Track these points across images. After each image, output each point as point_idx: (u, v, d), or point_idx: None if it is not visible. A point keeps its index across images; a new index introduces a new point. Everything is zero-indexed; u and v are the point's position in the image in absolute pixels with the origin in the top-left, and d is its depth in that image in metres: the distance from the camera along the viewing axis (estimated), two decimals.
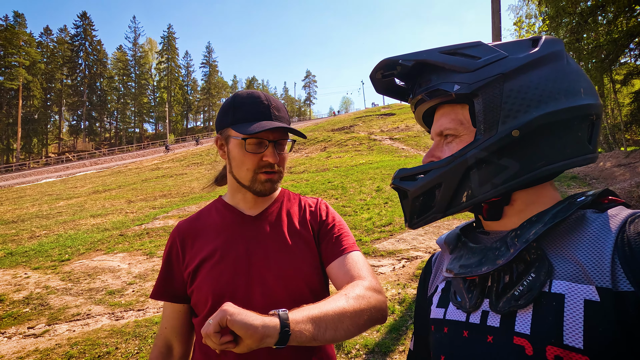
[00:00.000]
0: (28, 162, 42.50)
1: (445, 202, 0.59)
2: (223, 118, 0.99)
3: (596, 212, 0.54)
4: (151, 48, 66.31)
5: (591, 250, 0.49)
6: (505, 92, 0.54)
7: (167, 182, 17.26)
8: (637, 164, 7.83)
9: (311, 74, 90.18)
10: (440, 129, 0.62)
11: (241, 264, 0.94)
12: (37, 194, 17.57)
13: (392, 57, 0.64)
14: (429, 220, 0.61)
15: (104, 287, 5.04)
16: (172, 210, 9.72)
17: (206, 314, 0.93)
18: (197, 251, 0.98)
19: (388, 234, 5.99)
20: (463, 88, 0.56)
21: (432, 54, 0.60)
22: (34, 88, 48.29)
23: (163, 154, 34.34)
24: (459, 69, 0.57)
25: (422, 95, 0.63)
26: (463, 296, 0.59)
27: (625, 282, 0.45)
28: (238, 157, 0.96)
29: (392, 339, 3.05)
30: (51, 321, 4.11)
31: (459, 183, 0.57)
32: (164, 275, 1.01)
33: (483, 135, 0.55)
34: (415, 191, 0.61)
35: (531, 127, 0.53)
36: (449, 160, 0.57)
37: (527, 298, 0.50)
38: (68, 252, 6.90)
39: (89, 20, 58.27)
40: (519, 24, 12.21)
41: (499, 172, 0.55)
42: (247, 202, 1.04)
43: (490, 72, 0.55)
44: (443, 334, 0.60)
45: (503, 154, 0.55)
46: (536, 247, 0.53)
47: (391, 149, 16.90)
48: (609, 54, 9.79)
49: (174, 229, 1.05)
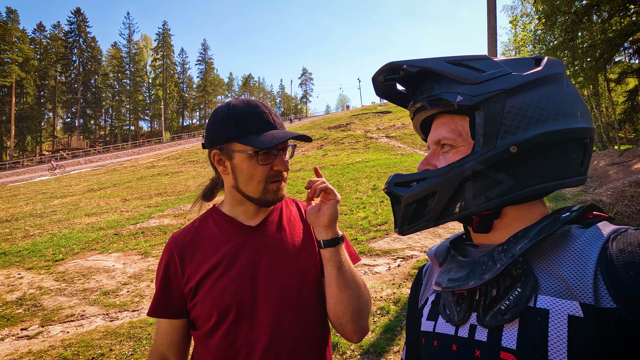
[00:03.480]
0: (22, 160, 42.11)
1: (438, 211, 0.59)
2: (222, 131, 0.94)
3: (581, 227, 0.55)
4: (146, 45, 65.73)
5: (575, 266, 0.50)
6: (507, 108, 0.55)
7: (162, 180, 17.17)
8: (631, 162, 7.89)
9: (308, 71, 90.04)
10: (438, 137, 0.62)
11: (245, 277, 0.93)
12: (31, 193, 17.42)
13: (396, 61, 0.63)
14: (420, 228, 0.61)
15: (99, 288, 5.01)
16: (167, 209, 9.67)
17: (209, 329, 0.91)
18: (197, 265, 0.95)
19: (384, 233, 6.00)
20: (465, 100, 0.56)
21: (438, 63, 0.59)
22: (27, 85, 47.72)
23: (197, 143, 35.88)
24: (462, 80, 0.57)
25: (423, 103, 0.63)
26: (452, 309, 0.60)
27: (607, 299, 0.45)
28: (247, 171, 0.94)
29: (386, 339, 3.06)
30: (45, 322, 4.09)
31: (454, 194, 0.57)
32: (162, 291, 0.97)
33: (482, 148, 0.55)
34: (409, 198, 0.60)
35: (529, 144, 0.54)
36: (446, 170, 0.57)
37: (513, 312, 0.51)
38: (62, 251, 6.86)
39: (82, 17, 57.60)
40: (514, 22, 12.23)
41: (494, 186, 0.55)
42: (248, 213, 1.01)
43: (494, 87, 0.56)
44: (433, 347, 0.61)
45: (499, 169, 0.55)
46: (522, 262, 0.54)
47: (387, 147, 16.92)
48: (604, 52, 9.84)
49: (169, 242, 1.00)
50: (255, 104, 0.96)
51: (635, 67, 11.55)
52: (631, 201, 5.35)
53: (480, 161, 0.55)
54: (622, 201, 5.39)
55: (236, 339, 0.90)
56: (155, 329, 1.01)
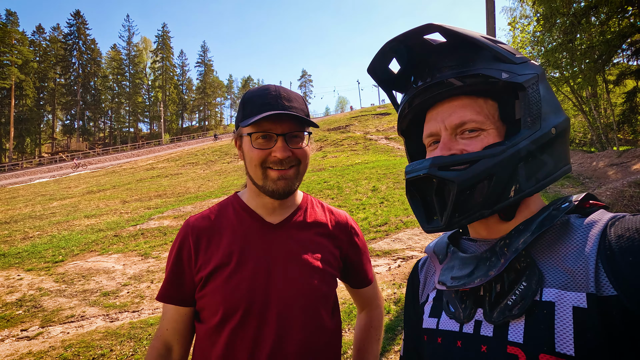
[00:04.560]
0: (21, 162, 42.06)
1: (495, 196, 0.53)
2: (237, 116, 0.95)
3: (579, 217, 0.55)
4: (146, 47, 65.79)
5: (577, 256, 0.50)
6: (542, 92, 0.56)
7: (162, 182, 17.16)
8: (629, 163, 7.92)
9: (307, 73, 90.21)
10: (461, 119, 0.56)
11: (259, 278, 0.88)
12: (30, 195, 17.39)
13: (426, 24, 0.56)
14: (475, 217, 0.54)
15: (99, 289, 5.00)
16: (167, 210, 9.66)
17: (215, 325, 0.87)
18: (211, 254, 0.90)
19: (384, 233, 6.00)
20: (513, 77, 0.54)
21: (478, 36, 0.56)
22: (26, 87, 47.73)
23: (213, 142, 36.54)
24: (504, 59, 0.56)
25: (452, 80, 0.57)
26: (456, 306, 0.59)
27: (608, 287, 0.45)
28: (248, 154, 0.90)
29: (387, 339, 3.06)
30: (45, 323, 4.08)
31: (510, 175, 0.53)
32: (174, 276, 0.92)
33: (531, 128, 0.54)
34: (465, 182, 0.52)
35: (560, 128, 0.57)
36: (502, 149, 0.53)
37: (521, 308, 0.50)
38: (62, 253, 6.84)
39: (82, 19, 57.74)
40: (513, 24, 12.28)
41: (541, 167, 0.55)
42: (267, 207, 0.96)
43: (530, 70, 0.56)
44: (437, 345, 0.60)
45: (544, 150, 0.56)
46: (525, 255, 0.54)
47: (387, 149, 16.93)
48: (602, 54, 9.88)
49: (185, 226, 0.95)
50: (267, 87, 0.91)
51: (633, 68, 11.61)
52: (630, 201, 5.36)
53: (532, 141, 0.54)
54: (621, 201, 5.40)
55: (242, 340, 0.85)
56: (162, 313, 0.97)
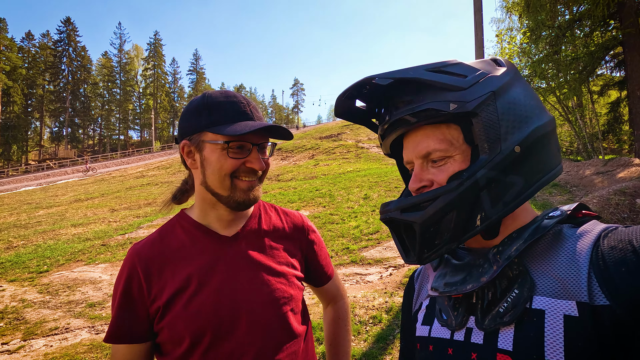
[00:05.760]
0: (6, 169, 41.13)
1: (460, 228, 0.54)
2: (193, 121, 0.86)
3: (572, 226, 0.56)
4: (137, 55, 65.52)
5: (569, 265, 0.50)
6: (499, 109, 0.54)
7: (152, 190, 16.94)
8: (615, 171, 8.09)
9: (299, 82, 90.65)
10: (426, 150, 0.58)
11: (224, 294, 0.84)
12: (16, 203, 16.99)
13: (368, 76, 0.57)
14: (443, 252, 0.56)
15: (84, 300, 4.88)
16: (157, 219, 9.52)
17: (183, 353, 0.82)
18: (166, 281, 0.84)
19: (375, 242, 5.99)
20: (460, 107, 0.54)
21: (419, 72, 0.56)
22: (14, 94, 46.99)
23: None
24: (450, 87, 0.55)
25: (406, 117, 0.57)
26: (449, 314, 0.59)
27: (601, 296, 0.46)
28: (215, 164, 0.84)
29: (379, 349, 3.03)
30: (27, 336, 3.95)
31: (472, 207, 0.54)
32: (123, 314, 0.83)
33: (488, 154, 0.53)
34: (425, 222, 0.54)
35: (528, 141, 0.55)
36: (459, 184, 0.53)
37: (512, 315, 0.50)
38: (47, 263, 6.67)
39: (73, 26, 57.29)
40: (500, 36, 12.57)
41: (508, 190, 0.54)
42: (222, 220, 0.91)
43: (482, 90, 0.55)
44: (428, 352, 0.61)
45: (509, 171, 0.54)
46: (518, 263, 0.54)
47: (378, 157, 17.03)
48: (586, 65, 10.17)
49: (130, 255, 0.86)
50: (233, 94, 0.88)
51: (616, 79, 11.97)
52: (616, 209, 5.46)
53: (491, 167, 0.53)
54: (607, 209, 5.50)
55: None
56: (111, 355, 0.87)
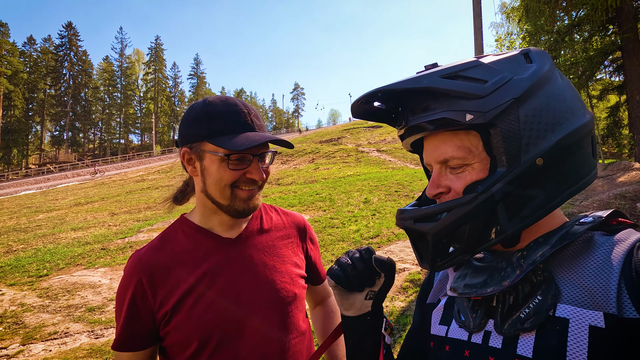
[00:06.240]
0: (7, 173, 41.20)
1: (474, 240, 0.53)
2: (194, 129, 0.86)
3: (605, 234, 0.53)
4: (138, 59, 65.87)
5: (598, 275, 0.48)
6: (522, 118, 0.50)
7: (152, 194, 16.93)
8: (615, 175, 8.10)
9: (300, 86, 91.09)
10: (444, 157, 0.55)
11: (230, 295, 0.85)
12: (16, 207, 16.98)
13: (381, 87, 0.54)
14: (456, 262, 0.55)
15: (84, 304, 4.86)
16: (157, 223, 9.51)
17: (189, 356, 0.83)
18: (171, 286, 0.84)
19: (376, 246, 5.98)
20: (477, 118, 0.50)
21: (434, 80, 0.51)
22: (15, 98, 47.17)
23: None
24: (467, 96, 0.50)
25: (423, 124, 0.54)
26: (467, 315, 0.58)
27: (631, 309, 0.44)
28: (216, 175, 0.84)
29: None
30: (26, 341, 3.93)
31: (487, 220, 0.52)
32: (130, 320, 0.84)
33: (506, 168, 0.50)
34: (438, 233, 0.53)
35: (553, 152, 0.50)
36: (473, 197, 0.51)
37: (534, 322, 0.49)
38: (46, 267, 6.65)
39: (74, 31, 57.67)
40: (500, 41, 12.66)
41: (527, 204, 0.51)
42: (224, 224, 0.92)
43: (503, 98, 0.50)
44: (444, 352, 0.60)
45: (529, 185, 0.51)
46: (542, 269, 0.52)
47: (378, 161, 17.05)
48: (585, 70, 10.20)
49: (132, 263, 0.86)
50: (234, 102, 0.87)
51: (615, 84, 11.99)
52: None
53: (508, 182, 0.50)
54: None
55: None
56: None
